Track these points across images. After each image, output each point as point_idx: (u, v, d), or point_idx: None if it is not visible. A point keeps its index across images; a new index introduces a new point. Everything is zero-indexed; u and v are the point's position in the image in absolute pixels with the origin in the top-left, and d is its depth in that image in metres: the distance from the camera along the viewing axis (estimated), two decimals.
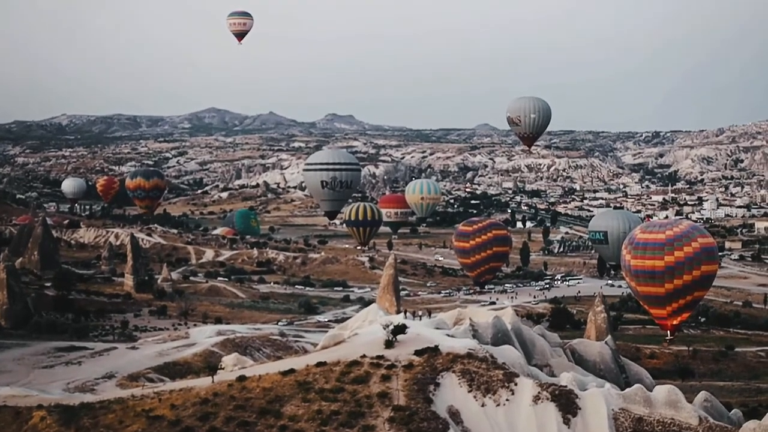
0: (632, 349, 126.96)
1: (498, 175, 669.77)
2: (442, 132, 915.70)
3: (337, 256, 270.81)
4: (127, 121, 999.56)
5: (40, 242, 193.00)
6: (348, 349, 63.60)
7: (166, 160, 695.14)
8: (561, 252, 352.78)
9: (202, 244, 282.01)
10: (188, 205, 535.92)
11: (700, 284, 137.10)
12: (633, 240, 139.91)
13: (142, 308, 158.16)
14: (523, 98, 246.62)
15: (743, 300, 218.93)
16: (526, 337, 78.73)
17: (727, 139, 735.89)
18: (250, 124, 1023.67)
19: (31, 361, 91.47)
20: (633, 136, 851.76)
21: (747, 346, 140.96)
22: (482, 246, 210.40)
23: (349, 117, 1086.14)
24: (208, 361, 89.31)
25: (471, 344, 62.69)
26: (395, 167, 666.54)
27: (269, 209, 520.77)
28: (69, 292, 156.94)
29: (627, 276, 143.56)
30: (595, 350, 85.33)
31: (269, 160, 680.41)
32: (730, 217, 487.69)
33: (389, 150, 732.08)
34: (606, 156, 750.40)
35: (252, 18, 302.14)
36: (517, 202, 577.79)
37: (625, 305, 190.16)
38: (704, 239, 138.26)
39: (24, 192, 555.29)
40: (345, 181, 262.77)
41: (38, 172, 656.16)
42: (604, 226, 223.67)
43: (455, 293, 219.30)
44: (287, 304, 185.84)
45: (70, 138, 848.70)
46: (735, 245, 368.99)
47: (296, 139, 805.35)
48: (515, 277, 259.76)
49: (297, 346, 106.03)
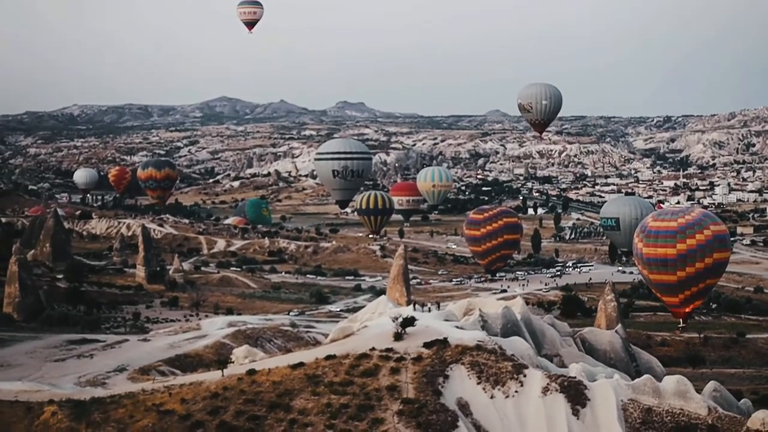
0: (643, 336, 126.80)
1: (509, 162, 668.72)
2: (453, 119, 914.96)
3: (348, 245, 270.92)
4: (139, 111, 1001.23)
5: (52, 234, 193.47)
6: (357, 342, 63.81)
7: (177, 150, 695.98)
8: (572, 238, 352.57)
9: (213, 234, 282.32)
10: (200, 195, 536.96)
11: (712, 272, 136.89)
12: (645, 228, 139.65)
13: (154, 299, 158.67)
14: (535, 85, 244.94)
15: (755, 286, 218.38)
16: (536, 327, 78.86)
17: (739, 123, 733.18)
18: (261, 112, 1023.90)
19: (44, 354, 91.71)
20: (644, 121, 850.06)
21: (758, 332, 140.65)
22: (493, 234, 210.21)
23: (360, 104, 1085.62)
24: (219, 353, 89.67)
25: (480, 336, 62.84)
26: (406, 154, 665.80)
27: (281, 198, 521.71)
28: (81, 284, 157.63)
29: (639, 264, 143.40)
30: (606, 339, 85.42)
31: (280, 149, 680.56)
32: (741, 202, 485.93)
33: (400, 137, 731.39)
34: (617, 141, 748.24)
35: (262, 7, 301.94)
36: (528, 188, 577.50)
37: (636, 292, 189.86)
38: (716, 227, 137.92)
39: (36, 183, 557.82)
40: (356, 170, 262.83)
41: (50, 163, 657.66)
42: (616, 213, 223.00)
43: (466, 281, 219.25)
44: (299, 293, 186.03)
45: (81, 128, 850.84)
46: (747, 230, 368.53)
47: (307, 127, 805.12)
48: (526, 265, 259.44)
49: (308, 336, 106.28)
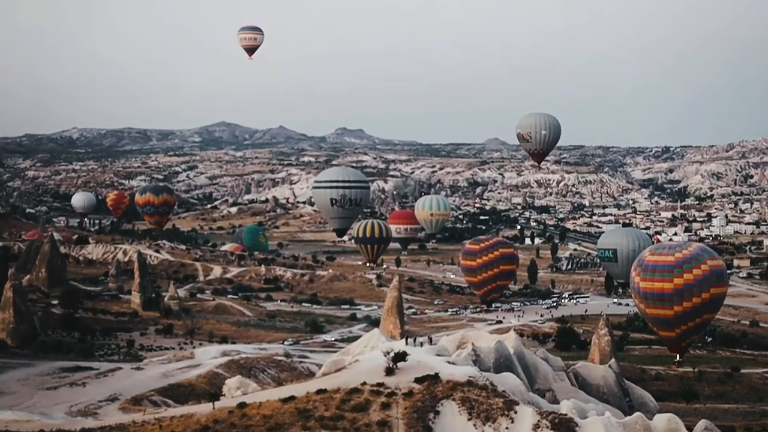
0: (637, 370, 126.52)
1: (507, 191, 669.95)
2: (452, 146, 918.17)
3: (344, 273, 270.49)
4: (138, 135, 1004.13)
5: (48, 259, 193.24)
6: (349, 376, 63.72)
7: (176, 174, 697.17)
8: (569, 269, 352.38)
9: (210, 261, 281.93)
10: (197, 220, 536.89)
11: (709, 307, 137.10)
12: (642, 262, 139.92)
13: (149, 327, 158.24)
14: (534, 114, 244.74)
15: (750, 319, 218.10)
16: (528, 361, 78.85)
17: (737, 154, 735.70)
18: (261, 138, 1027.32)
19: (36, 381, 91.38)
20: (643, 151, 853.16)
21: (753, 367, 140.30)
22: (489, 264, 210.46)
23: (359, 131, 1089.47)
24: (212, 383, 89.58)
25: (471, 372, 62.79)
26: (405, 182, 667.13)
27: (278, 224, 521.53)
28: (76, 310, 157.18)
29: (636, 298, 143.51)
30: (599, 374, 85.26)
31: (279, 175, 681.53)
32: (739, 234, 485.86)
33: (399, 165, 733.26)
34: (616, 171, 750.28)
35: (263, 33, 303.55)
36: (526, 218, 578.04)
37: (631, 324, 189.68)
38: (713, 261, 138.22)
39: (34, 206, 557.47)
40: (354, 199, 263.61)
41: (48, 186, 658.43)
42: (614, 244, 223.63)
43: (462, 312, 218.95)
44: (293, 322, 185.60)
45: (80, 151, 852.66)
46: (743, 263, 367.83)
47: (306, 153, 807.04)
48: (522, 295, 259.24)
49: (302, 367, 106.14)
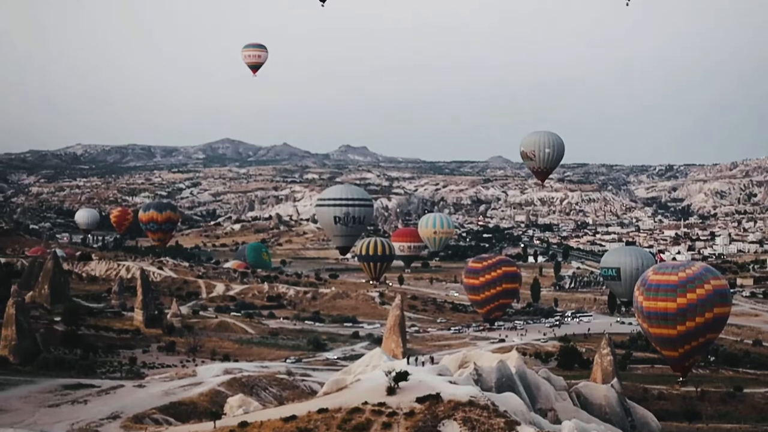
0: (640, 389, 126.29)
1: (511, 209, 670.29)
2: (456, 164, 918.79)
3: (347, 291, 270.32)
4: (142, 151, 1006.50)
5: (51, 276, 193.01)
6: (350, 396, 63.74)
7: (179, 191, 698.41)
8: (572, 288, 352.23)
9: (213, 278, 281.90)
10: (201, 237, 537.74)
11: (712, 327, 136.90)
12: (646, 281, 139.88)
13: (151, 344, 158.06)
14: (538, 133, 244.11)
15: (753, 339, 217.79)
16: (530, 381, 78.80)
17: (741, 173, 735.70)
18: (264, 155, 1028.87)
19: (38, 399, 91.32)
20: (646, 169, 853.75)
21: (756, 387, 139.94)
22: (492, 283, 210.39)
23: (363, 149, 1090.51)
24: (214, 401, 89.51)
25: (473, 391, 62.79)
26: (408, 200, 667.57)
27: (281, 242, 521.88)
28: (78, 327, 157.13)
29: (639, 317, 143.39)
30: (601, 393, 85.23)
31: (282, 192, 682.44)
32: (742, 253, 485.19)
33: (402, 182, 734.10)
34: (619, 189, 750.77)
35: (267, 50, 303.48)
36: (529, 236, 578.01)
37: (634, 343, 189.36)
38: (717, 281, 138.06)
39: (37, 222, 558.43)
40: (358, 217, 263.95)
41: (52, 202, 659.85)
42: (617, 263, 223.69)
43: (465, 330, 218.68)
44: (296, 340, 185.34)
45: (84, 168, 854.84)
46: (747, 282, 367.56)
47: (310, 170, 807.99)
48: (525, 314, 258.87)
49: (303, 385, 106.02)
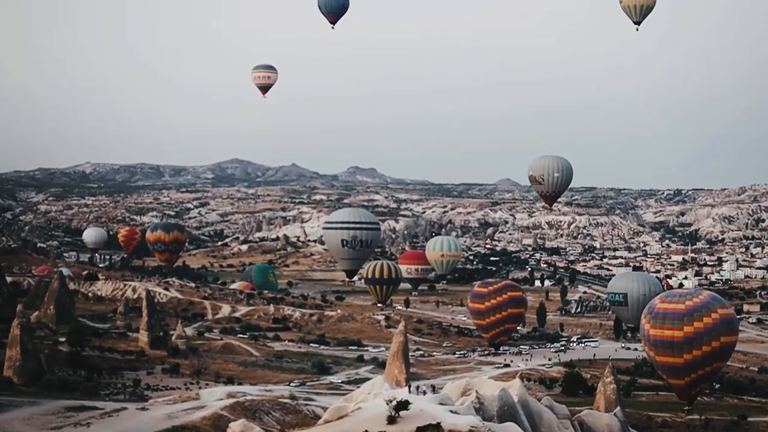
0: (644, 417, 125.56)
1: (518, 232, 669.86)
2: (464, 186, 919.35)
3: (353, 314, 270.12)
4: (150, 171, 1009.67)
5: (57, 296, 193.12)
6: (351, 424, 63.90)
7: (187, 211, 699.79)
8: (578, 312, 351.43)
9: (219, 299, 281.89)
10: (208, 257, 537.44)
11: (719, 355, 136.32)
12: (653, 309, 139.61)
13: (155, 366, 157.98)
14: (546, 157, 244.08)
15: (759, 366, 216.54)
16: (533, 409, 78.92)
17: (749, 198, 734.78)
18: (273, 175, 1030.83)
19: (41, 421, 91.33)
20: (654, 193, 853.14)
21: (760, 415, 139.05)
22: (497, 308, 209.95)
23: (371, 170, 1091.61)
24: (216, 426, 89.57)
25: (473, 421, 62.92)
26: (416, 222, 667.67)
27: (288, 263, 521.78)
28: (83, 348, 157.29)
29: (646, 345, 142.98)
30: (604, 422, 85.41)
31: (290, 213, 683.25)
32: (749, 279, 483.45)
33: (410, 204, 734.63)
34: (627, 214, 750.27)
35: (276, 71, 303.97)
36: (536, 259, 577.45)
37: (639, 370, 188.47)
38: (724, 310, 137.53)
39: (45, 240, 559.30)
40: (365, 240, 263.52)
41: (60, 221, 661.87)
42: (624, 288, 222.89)
43: (470, 354, 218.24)
44: (301, 363, 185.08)
45: (93, 186, 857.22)
46: (753, 308, 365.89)
47: (318, 191, 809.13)
48: (531, 339, 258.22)
49: (307, 409, 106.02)
